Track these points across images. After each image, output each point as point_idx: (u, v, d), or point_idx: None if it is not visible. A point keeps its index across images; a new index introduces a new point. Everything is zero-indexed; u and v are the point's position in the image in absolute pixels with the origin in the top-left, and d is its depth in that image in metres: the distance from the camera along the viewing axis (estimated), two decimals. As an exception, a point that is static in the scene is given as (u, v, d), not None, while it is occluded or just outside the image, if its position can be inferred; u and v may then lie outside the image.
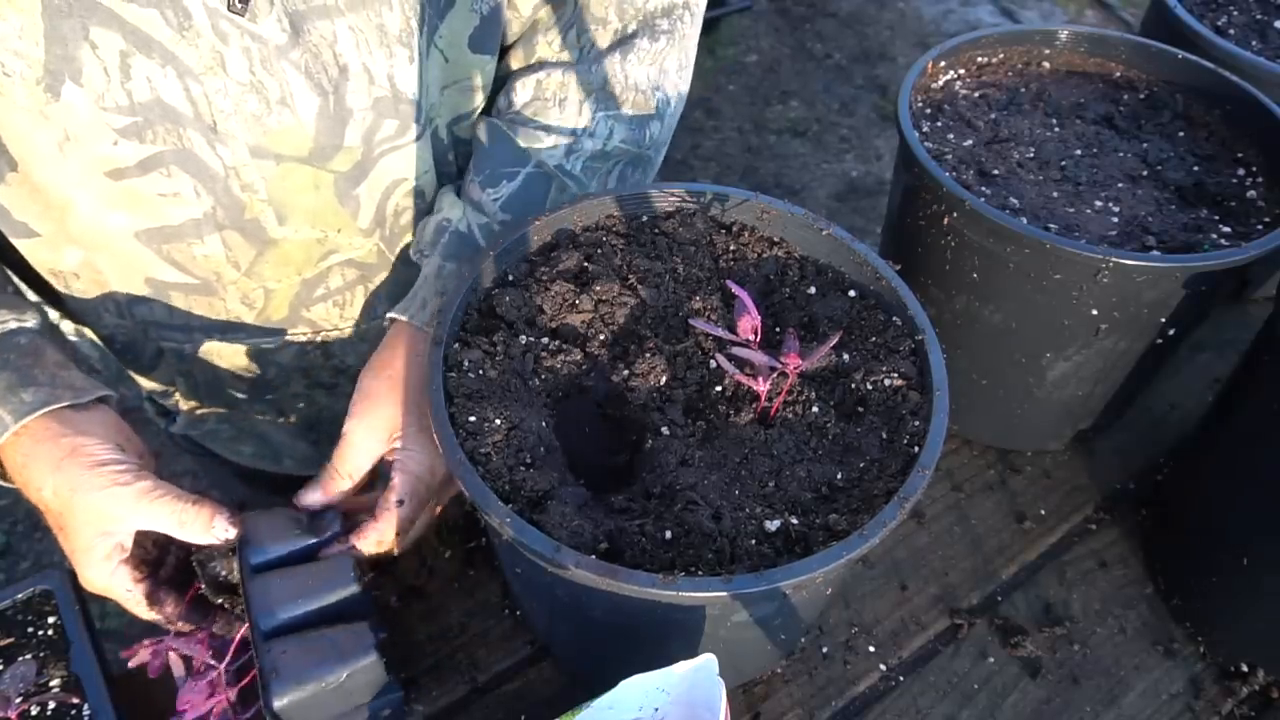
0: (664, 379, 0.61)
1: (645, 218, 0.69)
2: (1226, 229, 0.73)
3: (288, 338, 0.78)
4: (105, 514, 0.58)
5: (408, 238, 0.76)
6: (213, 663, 0.61)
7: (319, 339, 0.79)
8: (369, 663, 0.57)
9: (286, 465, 0.92)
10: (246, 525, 0.60)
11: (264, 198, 0.65)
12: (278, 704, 0.54)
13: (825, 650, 0.72)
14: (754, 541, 0.52)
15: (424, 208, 0.75)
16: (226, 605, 0.62)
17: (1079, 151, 0.81)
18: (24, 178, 0.61)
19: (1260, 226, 0.73)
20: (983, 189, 0.76)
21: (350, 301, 0.78)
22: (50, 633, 0.63)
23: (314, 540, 0.62)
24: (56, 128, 0.57)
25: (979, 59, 0.90)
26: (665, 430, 0.58)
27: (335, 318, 0.78)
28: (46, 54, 0.54)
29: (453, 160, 0.75)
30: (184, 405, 0.85)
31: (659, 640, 0.57)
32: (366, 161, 0.67)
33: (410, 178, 0.71)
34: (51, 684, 0.61)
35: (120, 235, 0.65)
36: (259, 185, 0.64)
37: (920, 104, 0.85)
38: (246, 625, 0.59)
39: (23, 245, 0.67)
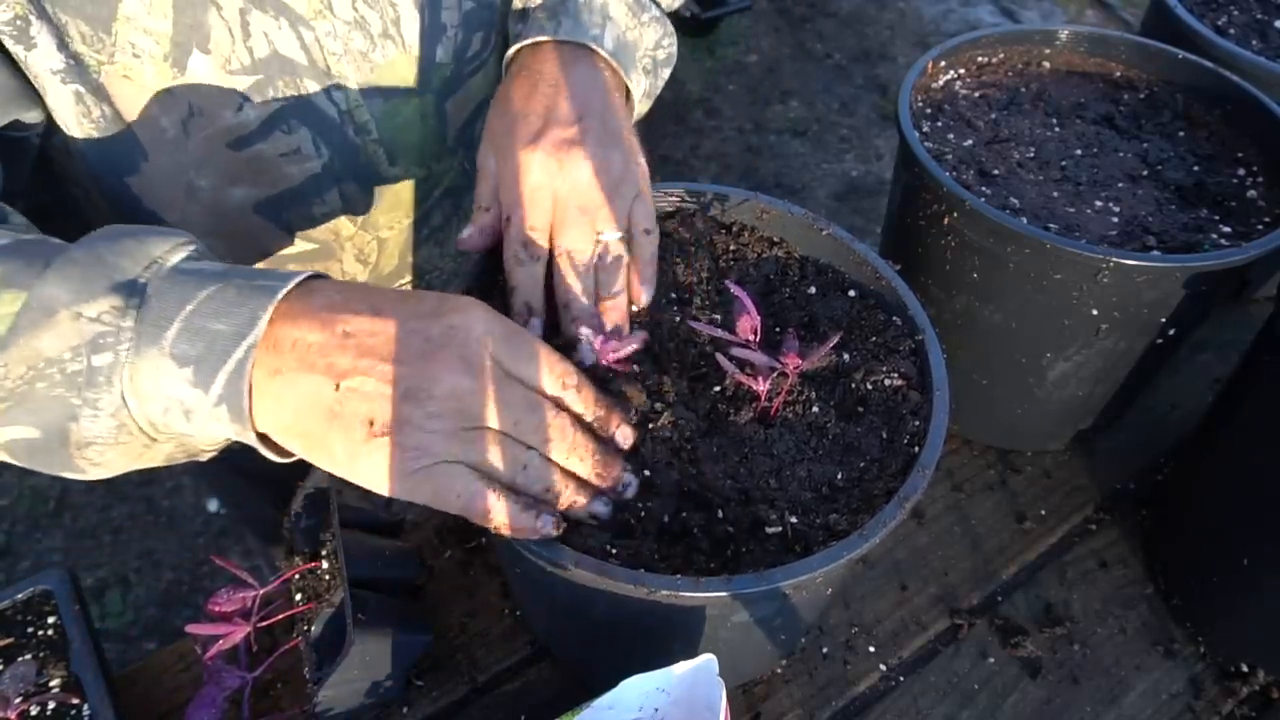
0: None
1: (645, 218, 0.69)
2: (1226, 229, 0.73)
3: None
4: None
5: None
6: (242, 674, 0.61)
7: (422, 286, 0.81)
8: (426, 640, 0.65)
9: None
10: (337, 483, 0.66)
11: (376, 138, 0.67)
12: (358, 644, 0.58)
13: (825, 650, 0.72)
14: (754, 541, 0.52)
15: None
16: (301, 560, 0.66)
17: (1079, 151, 0.81)
18: (154, 165, 0.61)
19: (1260, 226, 0.73)
20: (983, 189, 0.76)
21: (449, 237, 0.79)
22: (50, 633, 0.63)
23: (388, 520, 0.73)
24: (181, 105, 0.58)
25: (979, 59, 0.90)
26: (665, 430, 0.58)
27: (436, 257, 0.80)
28: (174, 26, 0.55)
29: None
30: None
31: (659, 640, 0.57)
32: (455, 79, 0.69)
33: (489, 95, 0.72)
34: (51, 684, 0.61)
35: (240, 212, 0.66)
36: (372, 126, 0.66)
37: (920, 104, 0.85)
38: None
39: None
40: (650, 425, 0.56)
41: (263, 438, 0.47)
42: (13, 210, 0.53)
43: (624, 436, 0.54)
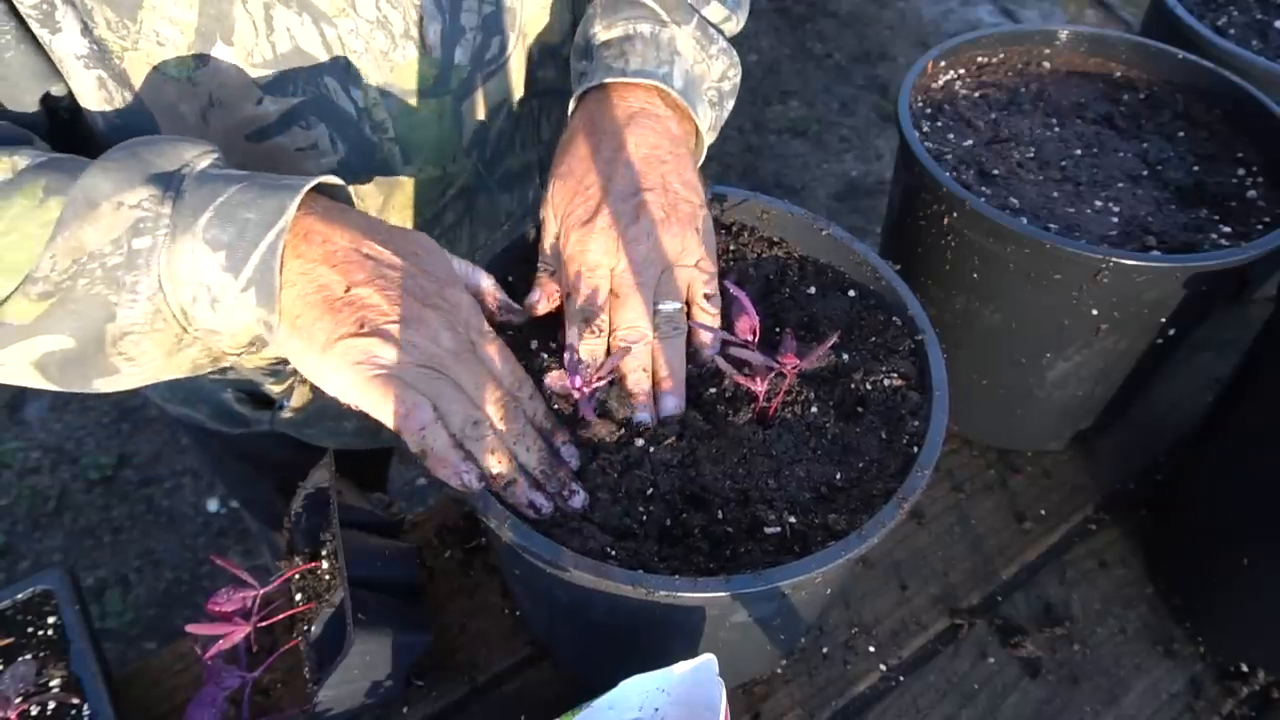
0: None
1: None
2: (1226, 229, 0.73)
3: None
4: None
5: (506, 161, 0.78)
6: (242, 673, 0.61)
7: None
8: (426, 640, 0.65)
9: (385, 436, 0.93)
10: (337, 483, 0.66)
11: (392, 136, 0.68)
12: (358, 644, 0.58)
13: (825, 650, 0.72)
14: (752, 542, 0.52)
15: (515, 127, 0.76)
16: (301, 560, 0.66)
17: (1079, 151, 0.81)
18: None
19: (1260, 226, 0.73)
20: (983, 189, 0.76)
21: (459, 237, 0.80)
22: (50, 633, 0.63)
23: (388, 520, 0.72)
24: (202, 94, 0.59)
25: (979, 59, 0.90)
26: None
27: None
28: (199, 16, 0.56)
29: (543, 77, 0.76)
30: (299, 389, 0.84)
31: (659, 641, 0.57)
32: (472, 82, 0.70)
33: (509, 98, 0.73)
34: (51, 684, 0.61)
35: None
36: (388, 124, 0.67)
37: (920, 104, 0.85)
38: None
39: None
40: (650, 428, 0.56)
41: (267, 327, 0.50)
42: (37, 138, 0.56)
43: (569, 454, 0.55)
